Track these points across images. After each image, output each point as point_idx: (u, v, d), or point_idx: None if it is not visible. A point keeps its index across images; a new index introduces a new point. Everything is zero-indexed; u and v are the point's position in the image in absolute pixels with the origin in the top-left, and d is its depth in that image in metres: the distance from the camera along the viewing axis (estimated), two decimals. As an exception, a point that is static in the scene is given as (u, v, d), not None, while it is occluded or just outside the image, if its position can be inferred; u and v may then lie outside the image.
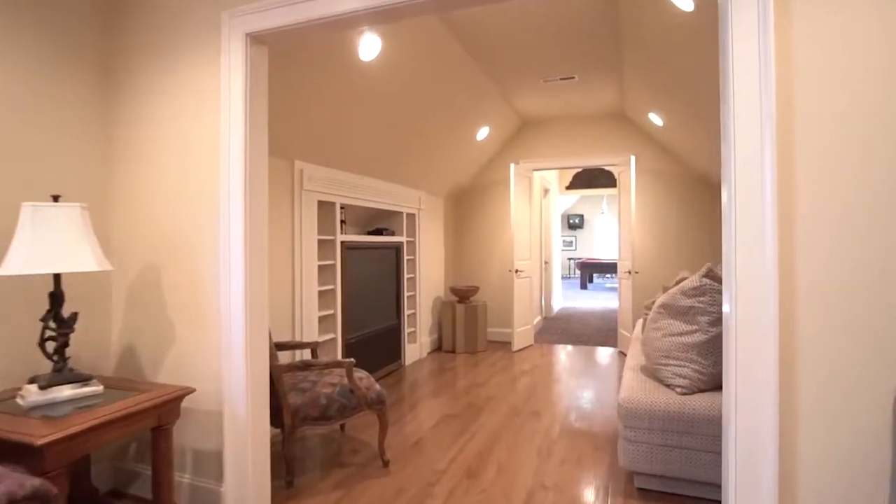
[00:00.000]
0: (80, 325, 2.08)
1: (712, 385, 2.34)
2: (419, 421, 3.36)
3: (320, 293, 3.70)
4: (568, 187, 9.10)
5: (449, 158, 5.17)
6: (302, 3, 1.95)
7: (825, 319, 1.37)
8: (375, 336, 4.37)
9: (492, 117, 5.07)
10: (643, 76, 3.87)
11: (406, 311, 4.93)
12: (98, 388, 1.86)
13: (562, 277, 12.93)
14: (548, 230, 8.02)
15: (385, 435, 2.68)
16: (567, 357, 5.24)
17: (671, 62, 3.23)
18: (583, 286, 12.69)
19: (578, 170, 8.88)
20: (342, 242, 3.83)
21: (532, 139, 5.90)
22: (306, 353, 3.36)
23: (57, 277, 1.84)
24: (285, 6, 1.97)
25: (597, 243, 15.55)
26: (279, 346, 2.87)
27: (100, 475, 2.31)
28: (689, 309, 2.41)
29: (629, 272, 5.07)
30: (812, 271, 1.38)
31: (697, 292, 2.40)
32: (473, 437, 3.06)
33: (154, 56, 2.26)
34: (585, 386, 4.14)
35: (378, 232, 4.61)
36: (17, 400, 1.74)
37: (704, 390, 2.33)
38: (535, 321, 6.63)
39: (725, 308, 1.52)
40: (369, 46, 2.93)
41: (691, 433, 2.20)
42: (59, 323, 1.83)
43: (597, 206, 15.32)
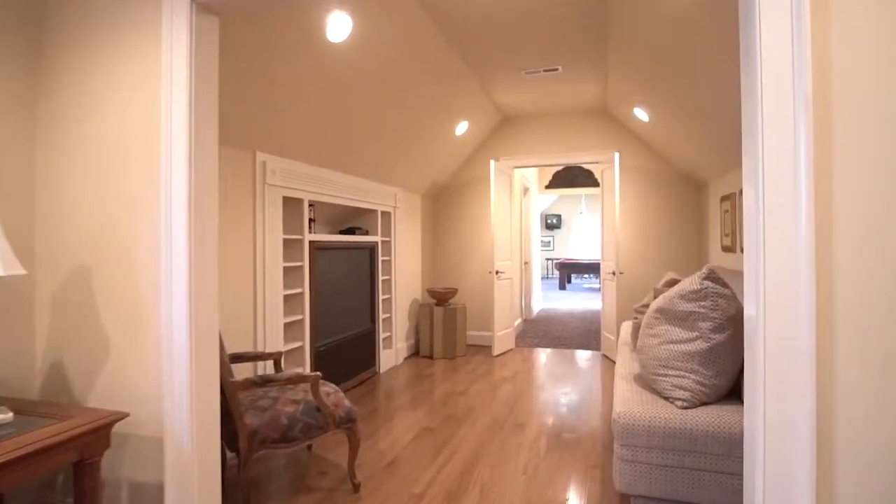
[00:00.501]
0: (-10, 340, 1.76)
1: (716, 398, 2.14)
2: (394, 436, 3.09)
3: (286, 297, 3.41)
4: (548, 186, 8.94)
5: (426, 153, 4.92)
6: (255, -37, 1.68)
7: (870, 348, 1.17)
8: (348, 342, 4.08)
9: (471, 111, 4.84)
10: (631, 66, 3.68)
11: (381, 315, 4.66)
12: (6, 416, 1.55)
13: (541, 278, 12.81)
14: (528, 230, 7.83)
15: (356, 455, 2.41)
16: (549, 361, 5.04)
17: (661, 52, 3.04)
18: (561, 286, 12.59)
19: (560, 168, 8.73)
20: (311, 242, 3.53)
21: (513, 135, 5.69)
22: (269, 365, 3.06)
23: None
24: (235, -34, 1.70)
25: (574, 243, 15.51)
26: (237, 358, 2.57)
27: (19, 513, 1.98)
28: (689, 314, 2.21)
29: (613, 273, 4.90)
30: (852, 275, 1.18)
31: (698, 296, 2.20)
32: (453, 455, 2.81)
33: (87, 25, 1.94)
34: (570, 393, 3.94)
35: (351, 231, 4.33)
36: None
37: (707, 403, 2.13)
38: (516, 323, 6.42)
39: (749, 311, 1.31)
40: (339, 26, 2.66)
41: (695, 452, 2.00)
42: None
43: (574, 207, 15.27)
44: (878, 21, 1.18)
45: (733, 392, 2.24)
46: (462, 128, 4.98)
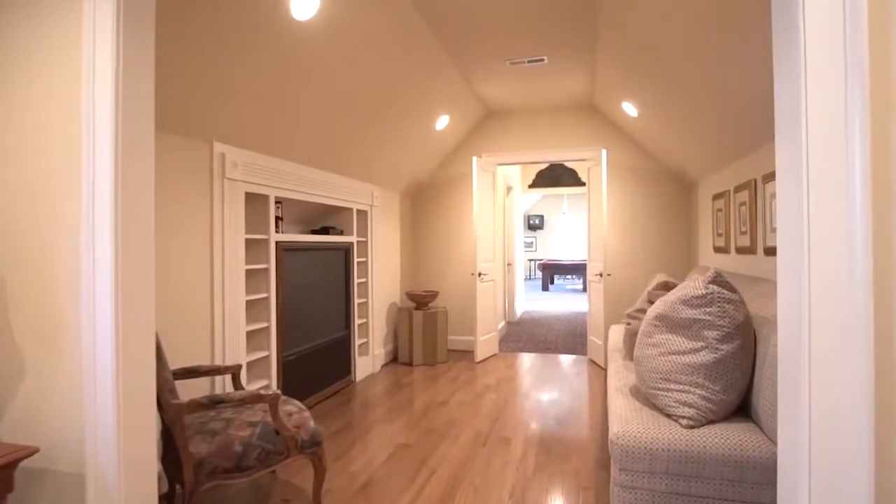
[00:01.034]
0: None
1: (723, 415, 1.93)
2: (369, 454, 2.83)
3: (249, 303, 3.11)
4: (531, 186, 8.75)
5: (405, 149, 4.65)
6: None
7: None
8: (320, 350, 3.79)
9: (452, 104, 4.59)
10: (620, 57, 3.48)
11: (357, 321, 4.38)
12: None
13: (524, 279, 12.64)
14: (511, 230, 7.62)
15: (322, 482, 2.14)
16: (534, 367, 4.82)
17: (653, 41, 2.83)
18: (545, 288, 12.44)
19: (544, 166, 8.54)
20: (278, 243, 3.24)
21: (496, 131, 5.46)
22: (227, 380, 2.77)
23: None
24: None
25: (557, 244, 15.39)
26: (189, 373, 2.28)
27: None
28: (693, 322, 2.00)
29: (600, 275, 4.70)
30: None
31: (703, 301, 1.98)
32: (433, 475, 2.55)
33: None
34: (558, 402, 3.72)
35: (324, 231, 4.04)
36: None
37: (714, 421, 1.91)
38: (499, 326, 6.19)
39: (786, 330, 1.08)
40: (304, 1, 2.38)
41: (702, 477, 1.78)
42: None
43: (557, 207, 15.15)
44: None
45: (740, 408, 2.03)
46: (443, 122, 4.72)
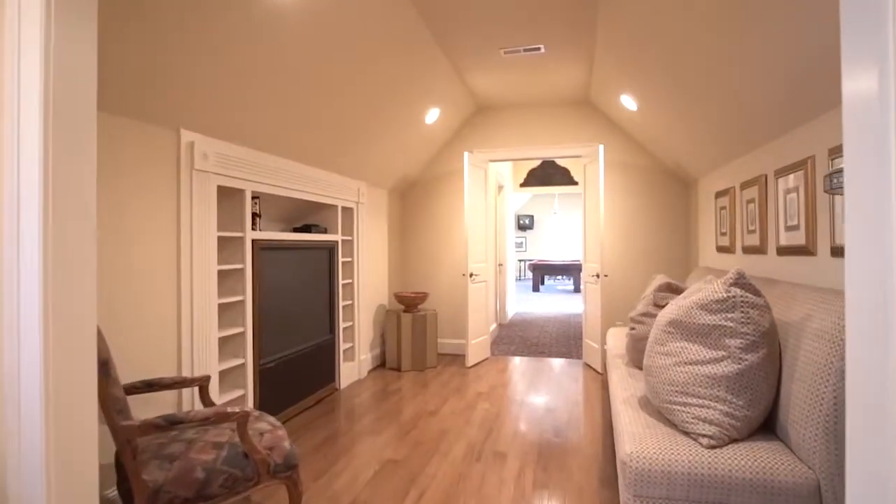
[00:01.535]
0: None
1: (747, 433, 1.73)
2: (353, 470, 2.59)
3: (223, 307, 2.86)
4: (522, 184, 8.56)
5: (393, 143, 4.42)
6: None
7: None
8: (302, 356, 3.55)
9: (443, 97, 4.37)
10: (622, 45, 3.28)
11: (341, 324, 4.14)
12: None
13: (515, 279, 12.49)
14: (502, 230, 7.42)
15: (299, 509, 1.91)
16: (528, 372, 4.61)
17: (657, 26, 2.63)
18: (535, 288, 12.28)
19: (536, 164, 8.36)
20: (255, 241, 2.99)
21: (488, 126, 5.25)
22: (194, 393, 2.52)
23: None
24: None
25: (547, 244, 15.25)
26: (147, 387, 2.03)
27: None
28: (713, 329, 1.80)
29: (597, 275, 4.51)
30: None
31: (724, 306, 1.78)
32: (423, 497, 2.33)
33: None
34: (554, 411, 3.51)
35: (307, 228, 3.80)
36: None
37: (738, 440, 1.72)
38: (491, 328, 5.98)
39: (857, 345, 0.88)
40: (281, -27, 2.15)
41: (728, 505, 1.58)
42: None
43: (547, 207, 15.01)
44: None
45: (764, 425, 1.84)
46: (433, 115, 4.50)
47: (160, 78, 2.14)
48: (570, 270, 11.93)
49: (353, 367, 4.34)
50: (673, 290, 2.97)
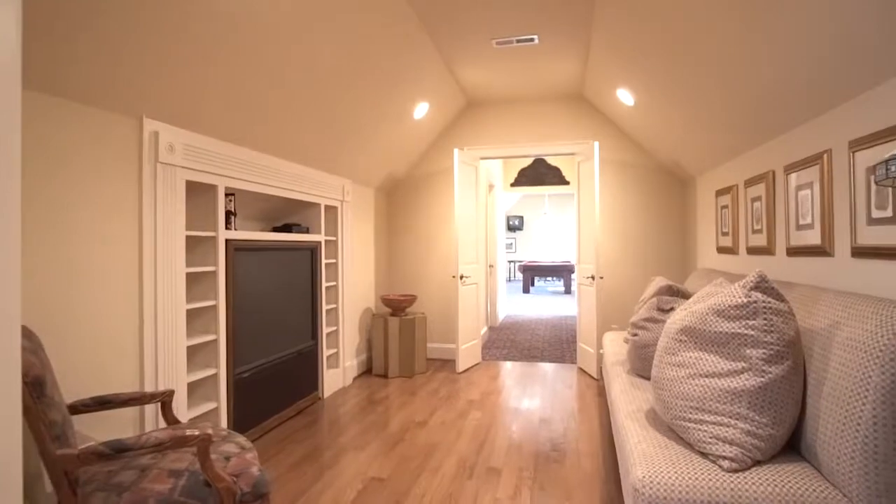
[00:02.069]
0: None
1: (771, 454, 1.55)
2: (335, 490, 2.38)
3: (192, 312, 2.64)
4: (513, 184, 8.39)
5: (380, 138, 4.22)
6: None
7: None
8: (281, 364, 3.33)
9: (432, 91, 4.18)
10: (619, 34, 3.11)
11: (325, 329, 3.92)
12: None
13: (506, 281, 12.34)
14: (493, 230, 7.25)
15: (270, 542, 1.70)
16: (521, 378, 4.42)
17: (657, 14, 2.46)
18: (525, 290, 12.12)
19: (527, 163, 8.19)
20: (228, 241, 2.77)
21: (479, 122, 5.06)
22: (156, 410, 2.29)
23: None
24: None
25: (536, 245, 15.13)
26: (100, 405, 1.80)
27: None
28: (732, 337, 1.62)
29: (592, 277, 4.34)
30: None
31: (744, 313, 1.61)
32: (410, 520, 2.13)
33: None
34: (550, 421, 3.33)
35: (287, 228, 3.58)
36: None
37: (762, 462, 1.54)
38: (482, 332, 5.79)
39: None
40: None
41: (753, 538, 1.40)
42: None
43: (537, 208, 14.88)
44: None
45: (788, 445, 1.67)
46: (422, 110, 4.31)
47: (119, 59, 1.92)
48: (561, 272, 11.79)
49: (338, 375, 4.12)
50: (676, 294, 2.80)
